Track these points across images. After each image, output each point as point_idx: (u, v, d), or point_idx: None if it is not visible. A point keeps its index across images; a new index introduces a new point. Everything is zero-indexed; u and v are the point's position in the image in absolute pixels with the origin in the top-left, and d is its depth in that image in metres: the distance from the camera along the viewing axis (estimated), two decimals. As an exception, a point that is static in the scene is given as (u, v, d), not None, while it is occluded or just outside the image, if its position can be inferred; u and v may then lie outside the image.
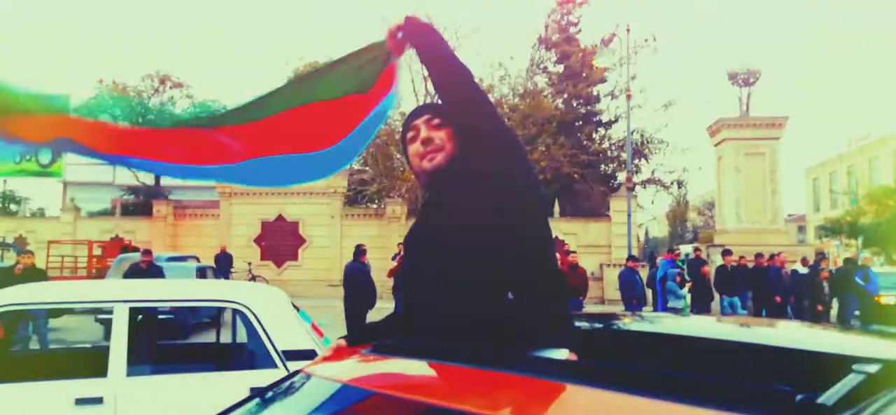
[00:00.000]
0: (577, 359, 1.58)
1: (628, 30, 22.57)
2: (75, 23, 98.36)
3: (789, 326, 2.71)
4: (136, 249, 17.32)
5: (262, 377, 3.34)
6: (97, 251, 21.53)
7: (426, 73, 1.97)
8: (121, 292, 3.85)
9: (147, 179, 29.33)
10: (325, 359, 1.79)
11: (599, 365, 1.20)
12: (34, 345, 9.44)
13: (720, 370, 1.95)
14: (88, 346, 6.48)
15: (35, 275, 9.61)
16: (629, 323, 2.53)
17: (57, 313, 10.59)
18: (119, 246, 21.15)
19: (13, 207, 32.16)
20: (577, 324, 2.16)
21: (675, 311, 12.02)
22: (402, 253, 2.08)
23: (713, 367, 1.89)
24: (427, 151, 1.84)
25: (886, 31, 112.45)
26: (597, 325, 2.38)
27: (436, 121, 1.87)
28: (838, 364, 1.21)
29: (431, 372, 1.44)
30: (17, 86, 2.28)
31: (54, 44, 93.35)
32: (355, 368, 1.59)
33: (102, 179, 36.06)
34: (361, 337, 1.95)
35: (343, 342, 1.93)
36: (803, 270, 16.02)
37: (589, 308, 15.87)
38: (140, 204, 26.94)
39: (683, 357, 1.97)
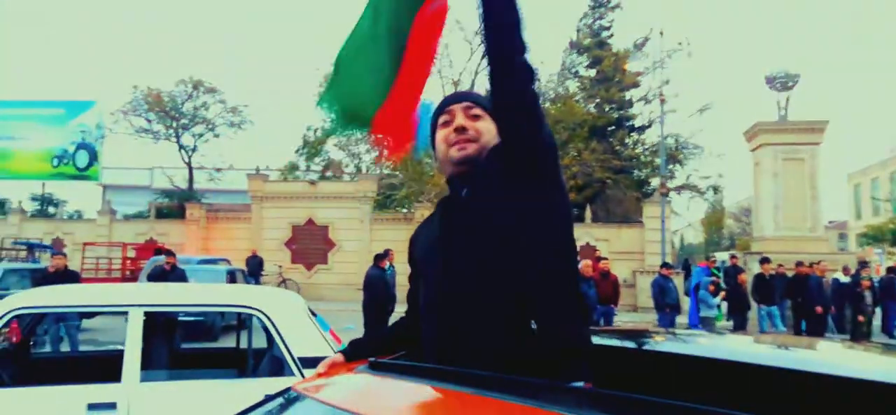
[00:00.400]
0: (591, 387, 1.46)
1: (662, 33, 22.23)
2: (108, 27, 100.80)
3: (831, 347, 2.50)
4: (169, 252, 17.53)
5: (279, 384, 3.23)
6: (131, 253, 21.88)
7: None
8: (136, 296, 3.80)
9: (182, 182, 29.79)
10: (319, 375, 1.69)
11: (613, 394, 1.07)
12: (65, 347, 9.55)
13: (748, 400, 1.78)
14: (105, 350, 6.46)
15: (67, 277, 9.76)
16: (654, 342, 2.39)
17: (89, 315, 10.73)
18: (152, 248, 21.45)
19: (51, 209, 32.93)
20: (600, 342, 2.02)
21: (708, 321, 11.68)
22: None
23: (740, 395, 1.78)
24: (459, 139, 1.69)
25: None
26: (619, 344, 2.22)
27: (475, 111, 1.72)
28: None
29: (432, 397, 1.30)
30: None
31: (85, 49, 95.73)
32: (348, 388, 1.47)
33: (139, 182, 36.79)
34: (359, 352, 1.86)
35: (340, 357, 1.84)
36: (845, 278, 15.52)
37: (621, 317, 15.56)
38: (174, 207, 27.32)
39: (711, 383, 1.84)
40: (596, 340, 1.82)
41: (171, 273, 11.25)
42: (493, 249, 1.53)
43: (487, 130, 1.70)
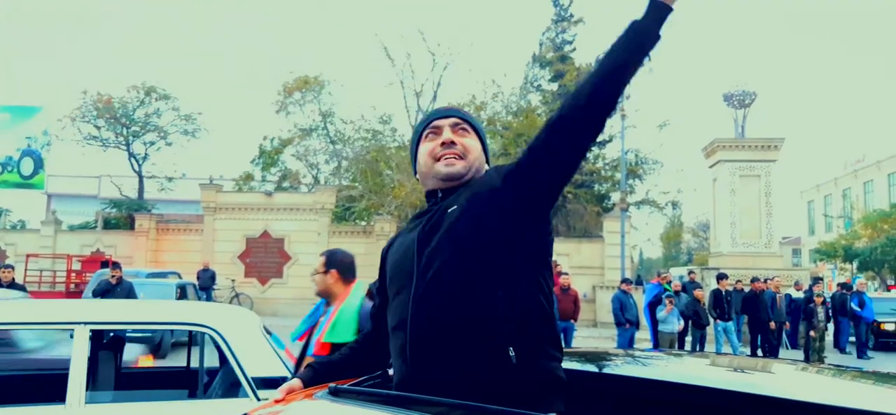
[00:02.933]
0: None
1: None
2: (56, 33, 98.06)
3: (784, 369, 2.58)
4: (116, 265, 16.83)
5: (232, 406, 3.20)
6: (76, 266, 20.99)
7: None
8: (82, 313, 3.57)
9: (131, 192, 28.82)
10: (276, 402, 1.64)
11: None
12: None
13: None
14: (49, 369, 6.11)
15: (13, 290, 9.29)
16: (615, 365, 2.41)
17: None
18: (99, 261, 20.62)
19: (-8, 219, 31.61)
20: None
21: (666, 337, 11.57)
22: None
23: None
24: (447, 154, 1.67)
25: (882, 55, 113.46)
26: (580, 367, 2.21)
27: (463, 126, 1.73)
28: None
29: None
30: None
31: (33, 55, 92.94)
32: (305, 417, 1.31)
33: (86, 191, 35.55)
34: (319, 376, 1.80)
35: (298, 382, 1.77)
36: (797, 294, 15.73)
37: (581, 332, 15.42)
38: (123, 218, 26.39)
39: (672, 408, 1.91)
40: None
41: (118, 287, 10.74)
42: (479, 272, 1.51)
43: (474, 147, 1.70)
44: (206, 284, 18.64)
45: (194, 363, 4.84)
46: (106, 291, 10.63)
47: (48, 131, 29.41)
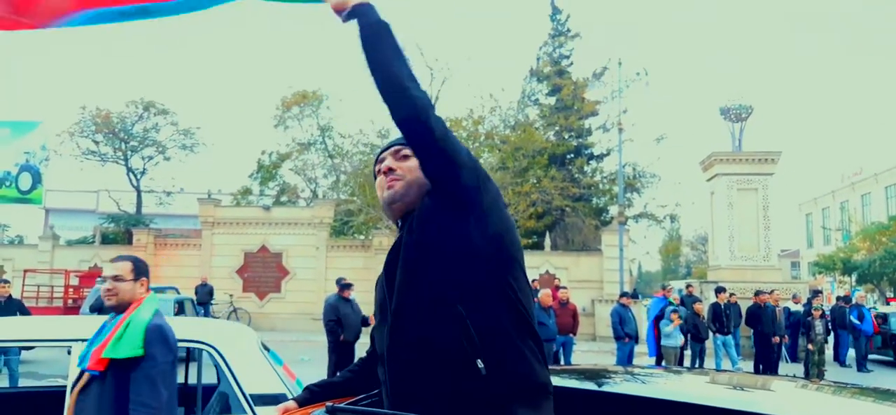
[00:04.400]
0: None
1: (620, 63, 22.47)
2: (57, 47, 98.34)
3: (783, 385, 2.61)
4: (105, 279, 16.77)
5: None
6: (74, 281, 20.93)
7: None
8: (80, 330, 3.49)
9: (129, 206, 28.76)
10: None
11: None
12: (3, 382, 8.97)
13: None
14: (46, 386, 6.08)
15: (11, 305, 9.24)
16: (615, 383, 2.39)
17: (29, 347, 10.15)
18: (96, 276, 20.55)
19: (-10, 234, 31.51)
20: (559, 383, 2.03)
21: (669, 351, 11.53)
22: None
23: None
24: (388, 181, 1.71)
25: (879, 68, 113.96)
26: (577, 385, 2.21)
27: (404, 151, 1.74)
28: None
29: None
30: None
31: (33, 68, 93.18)
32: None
33: (84, 206, 35.49)
34: (316, 396, 1.83)
35: (293, 404, 1.81)
36: (795, 307, 15.70)
37: (580, 346, 15.39)
38: (120, 232, 26.32)
39: None
40: (555, 380, 1.76)
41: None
42: (435, 291, 1.52)
43: (415, 167, 1.69)
44: (203, 300, 18.59)
45: (192, 380, 4.83)
46: (104, 307, 10.59)
47: (46, 146, 29.37)
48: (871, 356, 15.56)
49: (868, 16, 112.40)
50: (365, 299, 13.27)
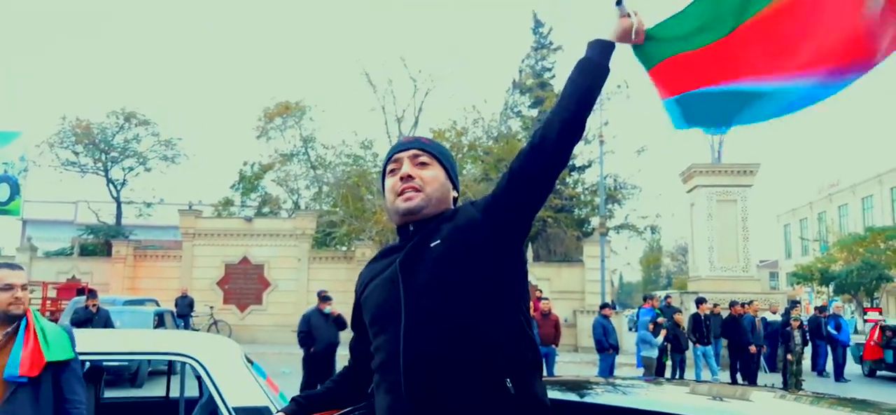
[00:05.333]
0: None
1: (601, 75, 22.66)
2: (36, 57, 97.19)
3: (762, 396, 2.61)
4: (92, 292, 16.56)
5: None
6: (52, 293, 20.60)
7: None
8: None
9: (108, 217, 28.41)
10: None
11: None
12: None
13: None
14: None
15: (101, 318, 9.25)
16: (598, 394, 2.43)
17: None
18: (75, 288, 20.27)
19: (-35, 246, 30.96)
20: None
21: (649, 361, 11.62)
22: None
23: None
24: (405, 188, 1.67)
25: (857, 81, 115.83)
26: (560, 397, 2.22)
27: (423, 158, 1.71)
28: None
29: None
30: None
31: (10, 78, 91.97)
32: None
33: (63, 216, 35.00)
34: (302, 409, 1.83)
35: None
36: (772, 317, 15.87)
37: (562, 357, 15.43)
38: (100, 244, 25.99)
39: None
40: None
41: (95, 316, 10.59)
42: (470, 305, 1.53)
43: (434, 178, 1.69)
44: (184, 312, 18.38)
45: (174, 393, 4.76)
46: (85, 320, 10.45)
47: (25, 157, 28.98)
48: (880, 373, 15.46)
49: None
50: (347, 312, 13.25)
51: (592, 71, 1.64)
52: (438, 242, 1.60)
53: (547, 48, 32.23)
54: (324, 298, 9.85)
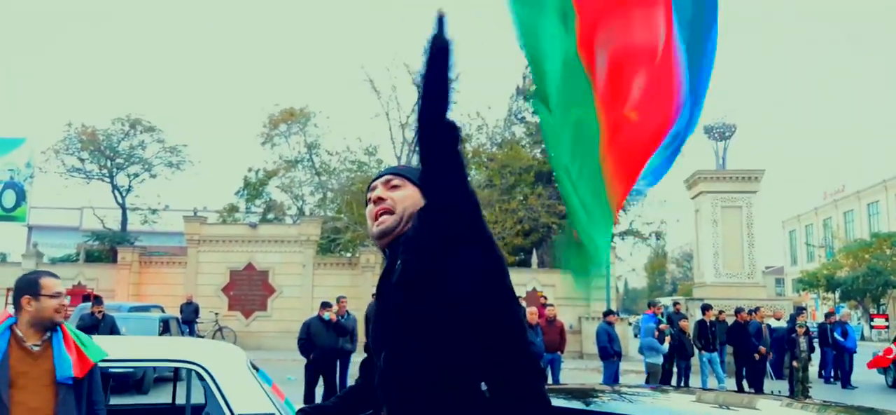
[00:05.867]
0: None
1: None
2: (41, 65, 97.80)
3: (768, 404, 2.65)
4: (97, 299, 16.62)
5: None
6: (57, 299, 20.64)
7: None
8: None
9: (113, 224, 28.48)
10: None
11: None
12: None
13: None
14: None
15: (107, 324, 9.35)
16: (604, 403, 2.44)
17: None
18: (81, 294, 20.29)
19: (-28, 253, 31.09)
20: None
21: (655, 368, 11.58)
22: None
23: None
24: (376, 211, 1.71)
25: (858, 86, 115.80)
26: (566, 405, 2.26)
27: (394, 182, 1.74)
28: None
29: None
30: None
31: (15, 84, 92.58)
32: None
33: (68, 223, 35.12)
34: None
35: None
36: (777, 323, 15.78)
37: (567, 364, 15.38)
38: (105, 250, 26.05)
39: None
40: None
41: (101, 322, 10.62)
42: (431, 317, 1.52)
43: (405, 197, 1.70)
44: (189, 318, 18.41)
45: (180, 400, 4.78)
46: (91, 327, 10.46)
47: (31, 163, 29.10)
48: None
49: (850, 37, 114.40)
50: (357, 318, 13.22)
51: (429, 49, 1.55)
52: (398, 261, 1.61)
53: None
54: (322, 304, 10.01)
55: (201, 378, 3.56)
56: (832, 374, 15.49)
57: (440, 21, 1.54)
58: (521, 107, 32.37)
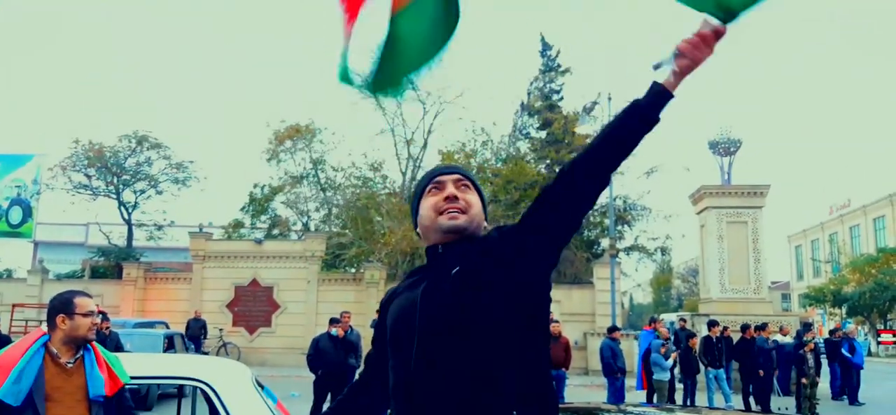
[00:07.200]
0: None
1: (610, 98, 22.75)
2: (51, 80, 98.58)
3: None
4: (103, 315, 16.66)
5: None
6: (62, 315, 20.70)
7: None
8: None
9: (119, 240, 28.56)
10: None
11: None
12: None
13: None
14: None
15: (112, 341, 9.50)
16: None
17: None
18: (86, 310, 20.36)
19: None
20: None
21: (661, 386, 11.49)
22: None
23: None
24: (450, 207, 1.68)
25: (864, 101, 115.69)
26: None
27: (465, 183, 1.75)
28: None
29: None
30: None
31: (26, 101, 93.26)
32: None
33: (74, 238, 35.23)
34: None
35: None
36: (783, 339, 15.67)
37: (572, 380, 15.32)
38: (110, 266, 26.11)
39: None
40: None
41: (107, 339, 10.64)
42: (483, 333, 1.52)
43: (475, 203, 1.72)
44: (196, 334, 18.42)
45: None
46: (97, 342, 10.51)
47: (38, 180, 29.25)
48: None
49: (854, 50, 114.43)
50: (361, 334, 13.21)
51: (641, 120, 1.60)
52: (458, 267, 1.59)
53: (555, 71, 32.34)
54: (332, 320, 10.01)
55: (206, 395, 3.54)
56: (840, 390, 15.37)
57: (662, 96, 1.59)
58: (525, 123, 32.45)
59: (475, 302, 1.53)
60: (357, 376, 2.13)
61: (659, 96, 1.57)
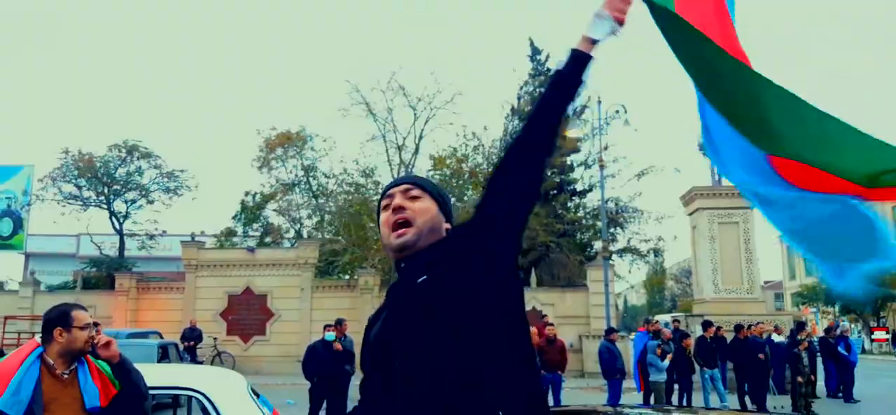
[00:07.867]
0: None
1: (600, 101, 22.83)
2: (39, 90, 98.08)
3: None
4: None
5: None
6: (54, 327, 20.55)
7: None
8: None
9: (111, 250, 28.37)
10: None
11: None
12: None
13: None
14: None
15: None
16: None
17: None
18: (78, 322, 20.22)
19: (-31, 281, 30.91)
20: None
21: (658, 386, 11.52)
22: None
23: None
24: (396, 220, 1.65)
25: (854, 100, 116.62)
26: None
27: (414, 192, 1.70)
28: None
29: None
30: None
31: (15, 112, 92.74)
32: None
33: (65, 250, 34.98)
34: None
35: None
36: (778, 338, 15.75)
37: (569, 383, 15.31)
38: (102, 277, 25.94)
39: None
40: None
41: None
42: (455, 339, 1.47)
43: (425, 209, 1.67)
44: (191, 344, 18.31)
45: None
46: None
47: (29, 191, 29.05)
48: None
49: (844, 50, 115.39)
50: (355, 341, 13.17)
51: (567, 84, 1.64)
52: (424, 276, 1.56)
53: (544, 75, 32.45)
54: (327, 326, 10.03)
55: (201, 405, 3.55)
56: (836, 388, 15.43)
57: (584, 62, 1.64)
58: (516, 127, 32.54)
59: (443, 310, 1.49)
60: (352, 390, 2.07)
61: (580, 59, 1.64)
